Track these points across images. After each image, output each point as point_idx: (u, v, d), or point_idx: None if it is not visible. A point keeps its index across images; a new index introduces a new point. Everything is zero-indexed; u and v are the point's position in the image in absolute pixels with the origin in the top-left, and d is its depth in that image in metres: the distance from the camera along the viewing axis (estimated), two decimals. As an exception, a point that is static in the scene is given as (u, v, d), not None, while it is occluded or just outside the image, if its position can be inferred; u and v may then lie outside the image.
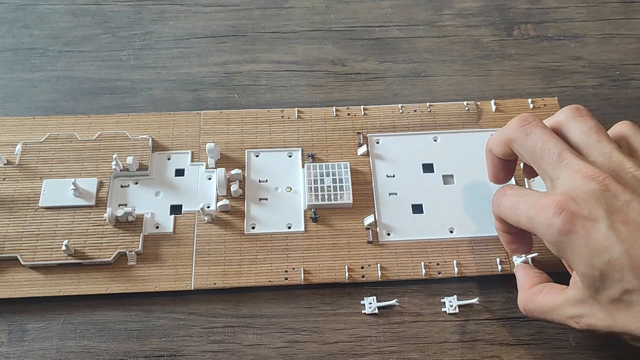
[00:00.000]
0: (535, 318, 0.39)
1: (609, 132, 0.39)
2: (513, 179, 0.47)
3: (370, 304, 0.44)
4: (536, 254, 0.42)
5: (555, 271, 0.41)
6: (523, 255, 0.42)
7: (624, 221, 0.32)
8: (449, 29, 0.58)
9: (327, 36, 0.58)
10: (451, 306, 0.43)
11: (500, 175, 0.42)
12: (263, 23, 0.59)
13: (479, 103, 0.52)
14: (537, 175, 0.39)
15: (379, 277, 0.44)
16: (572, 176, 0.35)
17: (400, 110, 0.52)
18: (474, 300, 0.43)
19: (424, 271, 0.44)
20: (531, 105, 0.52)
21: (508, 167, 0.42)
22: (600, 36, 0.58)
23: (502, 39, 0.58)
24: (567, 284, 0.37)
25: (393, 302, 0.44)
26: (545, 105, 0.52)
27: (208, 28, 0.58)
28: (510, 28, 0.58)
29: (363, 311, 0.43)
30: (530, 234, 0.42)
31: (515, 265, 0.42)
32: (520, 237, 0.41)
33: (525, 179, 0.48)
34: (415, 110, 0.52)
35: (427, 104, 0.52)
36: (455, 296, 0.44)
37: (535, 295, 0.39)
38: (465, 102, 0.52)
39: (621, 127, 0.39)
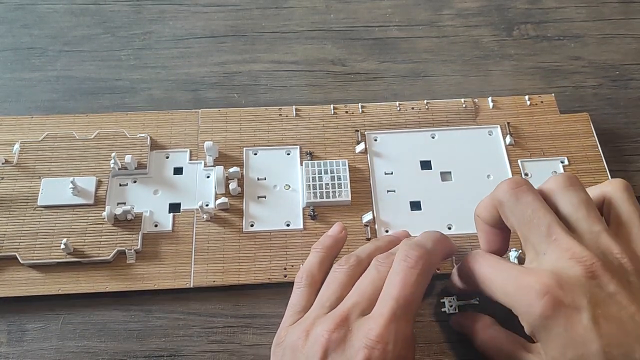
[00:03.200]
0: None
1: (599, 187, 0.37)
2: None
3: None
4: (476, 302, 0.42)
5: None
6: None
7: (606, 316, 0.31)
8: (448, 29, 0.58)
9: (326, 36, 0.58)
10: (451, 306, 0.43)
11: (494, 246, 0.39)
12: (263, 23, 0.59)
13: (476, 100, 0.52)
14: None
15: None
16: (559, 255, 0.33)
17: (398, 108, 0.52)
18: (474, 301, 0.43)
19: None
20: (528, 102, 0.52)
21: (500, 237, 0.39)
22: (600, 36, 0.58)
23: (501, 39, 0.58)
24: None
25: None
26: (542, 102, 0.52)
27: (207, 28, 0.58)
28: (510, 28, 0.59)
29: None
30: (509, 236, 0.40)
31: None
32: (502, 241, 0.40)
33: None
34: (413, 108, 0.52)
35: (425, 101, 0.52)
36: (454, 296, 0.43)
37: (493, 339, 0.38)
38: (462, 100, 0.52)
39: (610, 190, 0.37)
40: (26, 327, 0.43)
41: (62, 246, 0.43)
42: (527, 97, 0.52)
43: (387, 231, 0.46)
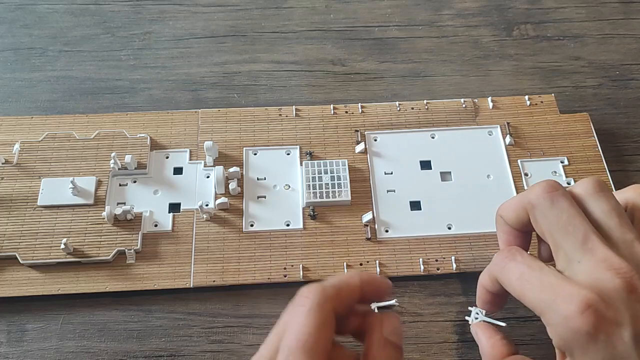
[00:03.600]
0: None
1: (620, 193, 0.36)
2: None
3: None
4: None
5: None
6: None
7: None
8: (448, 29, 0.58)
9: (326, 36, 0.58)
10: (476, 319, 0.39)
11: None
12: (263, 23, 0.59)
13: (476, 100, 0.52)
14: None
15: (378, 273, 0.44)
16: (596, 265, 0.31)
17: (398, 108, 0.52)
18: (499, 322, 0.42)
19: (422, 267, 0.44)
20: (528, 102, 0.52)
21: (521, 240, 0.37)
22: (599, 36, 0.58)
23: (501, 39, 0.58)
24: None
25: (392, 302, 0.44)
26: (542, 102, 0.52)
27: (207, 28, 0.58)
28: (509, 28, 0.59)
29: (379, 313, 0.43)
30: (507, 296, 0.37)
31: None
32: (500, 298, 0.38)
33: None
34: (412, 108, 0.52)
35: (425, 101, 0.52)
36: (484, 311, 0.39)
37: None
38: (462, 100, 0.52)
39: (633, 196, 0.35)
40: (26, 327, 0.43)
41: (62, 246, 0.44)
42: (527, 97, 0.52)
43: (387, 231, 0.46)
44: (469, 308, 0.39)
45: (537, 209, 0.34)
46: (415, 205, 0.47)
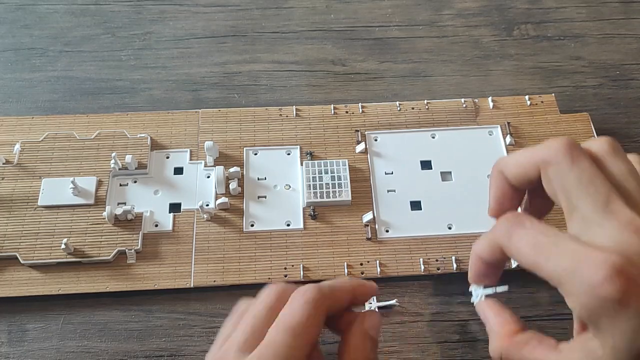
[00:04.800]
0: None
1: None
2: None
3: (370, 303, 0.43)
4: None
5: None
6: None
7: None
8: (448, 29, 0.58)
9: (327, 36, 0.58)
10: (477, 295, 0.37)
11: (504, 208, 0.34)
12: (263, 23, 0.59)
13: (476, 100, 0.52)
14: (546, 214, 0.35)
15: (378, 273, 0.44)
16: (620, 227, 0.29)
17: (398, 108, 0.52)
18: (499, 289, 0.40)
19: (422, 267, 0.44)
20: (528, 102, 0.52)
21: (515, 201, 0.35)
22: (600, 36, 0.58)
23: (502, 39, 0.58)
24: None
25: (393, 302, 0.44)
26: (542, 102, 0.52)
27: (208, 28, 0.58)
28: (510, 28, 0.58)
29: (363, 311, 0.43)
30: (504, 267, 0.35)
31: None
32: (497, 269, 0.35)
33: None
34: (413, 108, 0.52)
35: (425, 101, 0.52)
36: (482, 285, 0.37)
37: (520, 346, 0.33)
38: (462, 100, 0.52)
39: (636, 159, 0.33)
40: (27, 327, 0.43)
41: (63, 246, 0.44)
42: (527, 97, 0.52)
43: (387, 231, 0.46)
44: (470, 289, 0.37)
45: (554, 167, 0.31)
46: (415, 205, 0.47)
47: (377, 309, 0.43)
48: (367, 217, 0.46)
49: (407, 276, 0.44)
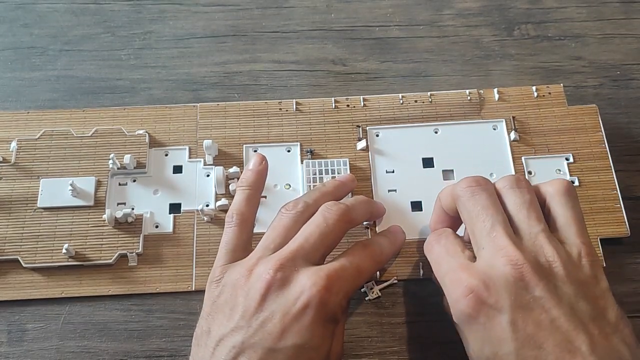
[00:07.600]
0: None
1: (541, 186, 0.39)
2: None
3: (371, 288, 0.44)
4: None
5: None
6: None
7: (525, 319, 0.33)
8: (449, 28, 0.58)
9: (327, 36, 0.58)
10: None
11: (441, 226, 0.42)
12: (263, 23, 0.58)
13: (481, 91, 0.52)
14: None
15: (378, 275, 0.44)
16: (494, 252, 0.35)
17: (401, 101, 0.51)
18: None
19: (422, 272, 0.45)
20: (535, 94, 0.51)
21: (449, 223, 0.42)
22: (600, 36, 0.58)
23: (502, 39, 0.58)
24: None
25: (392, 280, 0.44)
26: (550, 93, 0.52)
27: (208, 28, 0.58)
28: (510, 28, 0.58)
29: (366, 298, 0.44)
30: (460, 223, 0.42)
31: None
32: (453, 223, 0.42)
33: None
34: (415, 101, 0.51)
35: (429, 93, 0.52)
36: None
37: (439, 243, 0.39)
38: (467, 91, 0.52)
39: (550, 191, 0.38)
40: (26, 327, 0.43)
41: (64, 251, 0.43)
42: (534, 87, 0.52)
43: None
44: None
45: (460, 199, 0.38)
46: (416, 206, 0.47)
47: (378, 292, 0.44)
48: (368, 218, 0.46)
49: (407, 278, 0.45)
